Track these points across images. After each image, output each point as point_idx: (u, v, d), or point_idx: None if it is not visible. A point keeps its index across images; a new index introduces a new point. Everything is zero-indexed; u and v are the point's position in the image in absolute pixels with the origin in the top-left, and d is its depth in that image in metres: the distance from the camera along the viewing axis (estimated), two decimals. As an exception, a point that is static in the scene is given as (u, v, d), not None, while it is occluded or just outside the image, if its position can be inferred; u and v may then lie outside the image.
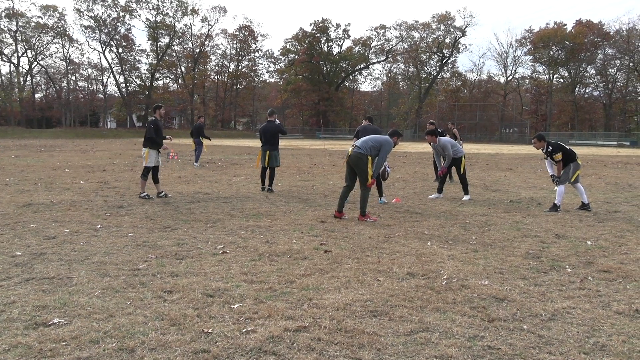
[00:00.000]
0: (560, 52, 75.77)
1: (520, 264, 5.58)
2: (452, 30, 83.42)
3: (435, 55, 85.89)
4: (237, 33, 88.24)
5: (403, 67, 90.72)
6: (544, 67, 79.06)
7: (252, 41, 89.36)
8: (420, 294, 4.52)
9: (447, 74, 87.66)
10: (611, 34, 73.34)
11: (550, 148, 9.35)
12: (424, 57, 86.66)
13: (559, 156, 9.26)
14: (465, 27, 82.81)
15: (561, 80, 79.61)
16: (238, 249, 6.06)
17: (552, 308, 4.23)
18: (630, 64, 71.43)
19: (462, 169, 10.85)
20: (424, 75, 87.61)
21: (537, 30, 78.33)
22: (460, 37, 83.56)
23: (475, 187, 12.99)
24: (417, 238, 6.85)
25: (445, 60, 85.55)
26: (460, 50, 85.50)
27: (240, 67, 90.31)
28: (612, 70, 75.36)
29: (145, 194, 10.21)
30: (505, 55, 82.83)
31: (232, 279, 4.87)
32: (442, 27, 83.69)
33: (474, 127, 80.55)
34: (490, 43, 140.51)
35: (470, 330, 3.76)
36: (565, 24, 77.51)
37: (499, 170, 19.22)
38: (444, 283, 4.83)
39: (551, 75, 78.94)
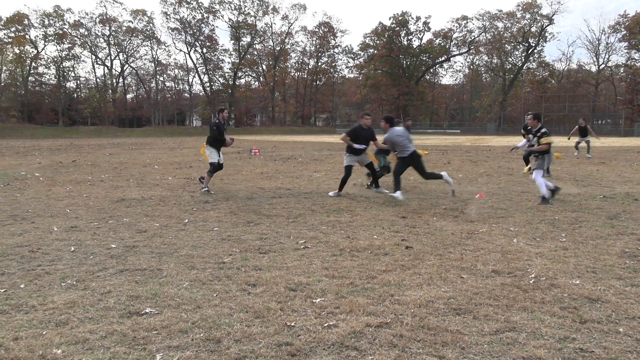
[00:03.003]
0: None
1: (615, 263, 5.26)
2: (538, 18, 79.90)
3: (521, 45, 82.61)
4: (316, 30, 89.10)
5: (486, 58, 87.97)
6: (640, 53, 74.01)
7: (332, 37, 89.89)
8: (506, 292, 4.37)
9: (534, 64, 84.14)
10: None
11: (543, 130, 9.66)
12: (509, 47, 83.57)
13: (547, 140, 9.49)
14: (553, 15, 79.11)
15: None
16: (319, 244, 6.12)
17: (652, 311, 3.96)
18: None
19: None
20: (508, 67, 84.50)
21: (632, 14, 73.45)
22: (548, 25, 79.88)
23: (565, 182, 12.40)
24: (502, 235, 6.63)
25: (531, 50, 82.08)
26: (548, 39, 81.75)
27: (319, 64, 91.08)
28: None
29: (207, 189, 10.58)
30: (596, 42, 78.44)
31: (313, 273, 4.92)
32: (528, 16, 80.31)
33: (563, 119, 76.83)
34: (580, 30, 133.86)
35: (561, 331, 3.59)
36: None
37: (591, 164, 18.22)
38: (531, 282, 4.65)
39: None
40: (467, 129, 78.73)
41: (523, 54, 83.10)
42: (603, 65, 79.49)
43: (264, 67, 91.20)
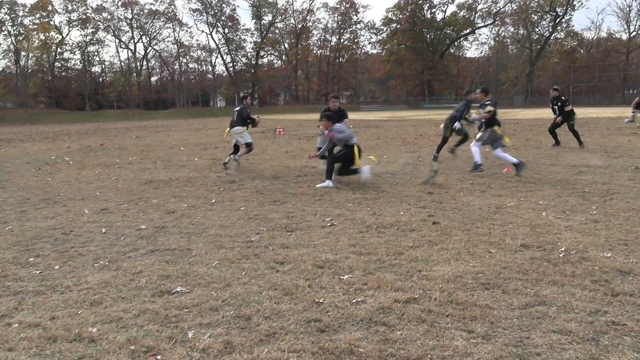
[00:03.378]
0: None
1: (648, 235, 5.16)
2: (566, -14, 77.60)
3: (548, 15, 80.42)
4: (338, 6, 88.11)
5: (512, 29, 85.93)
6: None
7: (354, 13, 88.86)
8: (536, 266, 4.33)
9: (562, 34, 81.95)
10: None
11: (487, 102, 10.18)
12: (535, 17, 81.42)
13: (489, 109, 10.01)
14: (582, -19, 76.71)
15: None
16: (346, 221, 6.13)
17: (687, 283, 3.88)
18: None
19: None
20: (535, 37, 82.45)
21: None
22: (577, -8, 77.54)
23: (595, 153, 12.15)
24: (530, 208, 6.55)
25: (559, 20, 79.85)
26: (576, 8, 79.41)
27: (342, 40, 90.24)
28: None
29: (237, 161, 11.21)
30: (628, 9, 75.89)
31: (340, 250, 4.94)
32: (556, -17, 78.04)
33: (592, 90, 74.96)
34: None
35: (592, 304, 3.56)
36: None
37: (622, 135, 17.80)
38: (561, 255, 4.59)
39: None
40: (494, 102, 77.50)
41: (550, 24, 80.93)
42: (634, 33, 77.07)
43: (286, 45, 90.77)
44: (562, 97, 14.62)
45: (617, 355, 2.90)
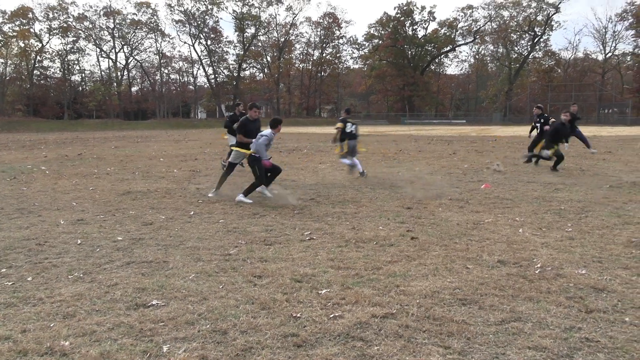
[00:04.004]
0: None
1: (621, 253, 5.25)
2: (544, 7, 79.19)
3: (527, 34, 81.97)
4: (321, 20, 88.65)
5: (492, 47, 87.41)
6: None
7: (336, 28, 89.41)
8: (512, 282, 4.37)
9: (540, 53, 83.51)
10: None
11: (340, 118, 11.89)
12: (514, 36, 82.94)
13: (338, 125, 11.68)
14: (559, 3, 78.36)
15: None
16: (325, 235, 6.13)
17: (658, 300, 3.95)
18: None
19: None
20: (514, 56, 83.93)
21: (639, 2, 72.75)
22: (554, 13, 79.18)
23: (572, 171, 12.35)
24: (508, 225, 6.62)
25: (537, 39, 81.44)
26: (554, 28, 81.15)
27: (324, 55, 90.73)
28: None
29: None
30: (603, 30, 77.69)
31: (319, 264, 4.93)
32: (534, 4, 79.57)
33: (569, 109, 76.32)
34: (587, 18, 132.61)
35: (567, 321, 3.60)
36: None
37: (598, 153, 18.11)
38: (537, 272, 4.64)
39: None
40: (473, 119, 78.36)
41: (529, 43, 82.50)
42: (610, 54, 78.90)
43: (269, 58, 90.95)
44: (545, 115, 14.78)
45: (591, 372, 2.93)
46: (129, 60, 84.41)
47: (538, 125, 14.56)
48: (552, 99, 74.23)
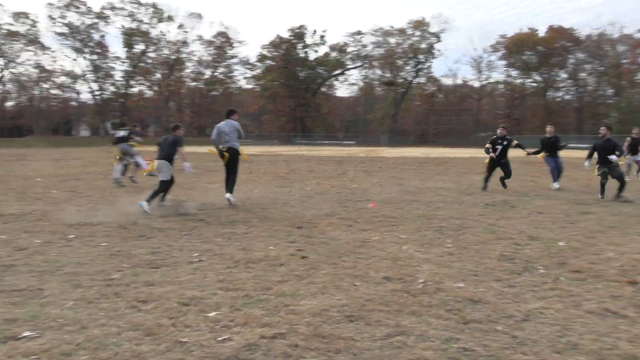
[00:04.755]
0: (533, 56, 77.09)
1: (494, 266, 5.64)
2: (427, 35, 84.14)
3: (411, 61, 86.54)
4: (213, 40, 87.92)
5: (379, 72, 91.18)
6: (517, 71, 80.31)
7: (229, 47, 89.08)
8: (397, 297, 4.54)
9: (423, 79, 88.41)
10: (581, 39, 74.97)
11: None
12: (400, 62, 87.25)
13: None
14: (440, 33, 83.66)
15: (534, 84, 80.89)
16: (214, 257, 6.02)
17: (526, 309, 4.28)
18: (601, 68, 73.06)
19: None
20: (400, 81, 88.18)
21: (510, 35, 79.56)
22: (436, 42, 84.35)
23: (451, 192, 13.10)
24: (393, 242, 6.88)
25: (420, 66, 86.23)
26: (436, 56, 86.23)
27: (216, 74, 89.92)
28: (583, 75, 76.94)
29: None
30: (479, 60, 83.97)
31: (207, 287, 4.83)
32: (418, 33, 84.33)
33: (450, 132, 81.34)
34: (465, 48, 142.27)
35: (446, 332, 3.79)
36: (537, 30, 78.91)
37: (474, 173, 19.41)
38: (420, 287, 4.86)
39: (524, 80, 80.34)
40: (362, 140, 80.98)
41: (413, 69, 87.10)
42: (485, 82, 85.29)
43: (159, 75, 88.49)
44: (508, 137, 13.45)
45: (467, 380, 3.10)
46: (3, 73, 78.53)
47: (500, 147, 13.28)
48: (435, 122, 78.63)
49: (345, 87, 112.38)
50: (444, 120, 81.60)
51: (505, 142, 13.33)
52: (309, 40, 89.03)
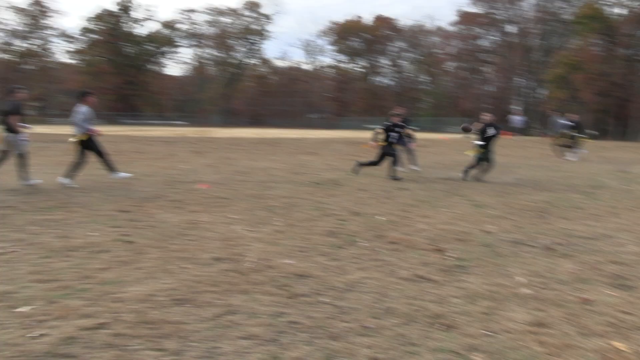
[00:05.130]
0: (359, 43, 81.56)
1: (321, 242, 5.91)
2: (260, 17, 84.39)
3: (244, 41, 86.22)
4: (27, 8, 79.16)
5: (214, 52, 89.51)
6: (345, 56, 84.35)
7: (45, 17, 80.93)
8: (227, 277, 4.56)
9: (256, 60, 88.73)
10: (402, 28, 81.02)
11: None
12: (233, 42, 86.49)
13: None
14: (273, 15, 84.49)
15: (360, 69, 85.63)
16: (27, 247, 5.49)
17: (349, 280, 4.57)
18: (419, 57, 79.81)
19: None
20: (233, 61, 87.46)
21: (340, 22, 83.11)
22: (268, 24, 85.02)
23: (282, 171, 13.41)
24: (223, 223, 6.87)
25: (253, 47, 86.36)
26: (268, 37, 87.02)
27: (30, 46, 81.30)
28: (403, 62, 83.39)
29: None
30: (311, 44, 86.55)
31: (19, 280, 4.40)
32: (252, 14, 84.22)
33: (282, 113, 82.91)
34: (298, 32, 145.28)
35: (274, 308, 3.90)
36: (361, 17, 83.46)
37: (304, 154, 20.07)
38: (249, 265, 4.93)
39: (351, 65, 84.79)
40: (194, 120, 79.16)
41: (246, 50, 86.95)
42: (316, 65, 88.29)
43: (-44, 45, 77.75)
44: (493, 124, 12.26)
45: (296, 352, 3.24)
46: None
47: (490, 134, 12.04)
48: (268, 103, 79.53)
49: (177, 66, 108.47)
50: (276, 101, 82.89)
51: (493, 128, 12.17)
52: (137, 14, 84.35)
